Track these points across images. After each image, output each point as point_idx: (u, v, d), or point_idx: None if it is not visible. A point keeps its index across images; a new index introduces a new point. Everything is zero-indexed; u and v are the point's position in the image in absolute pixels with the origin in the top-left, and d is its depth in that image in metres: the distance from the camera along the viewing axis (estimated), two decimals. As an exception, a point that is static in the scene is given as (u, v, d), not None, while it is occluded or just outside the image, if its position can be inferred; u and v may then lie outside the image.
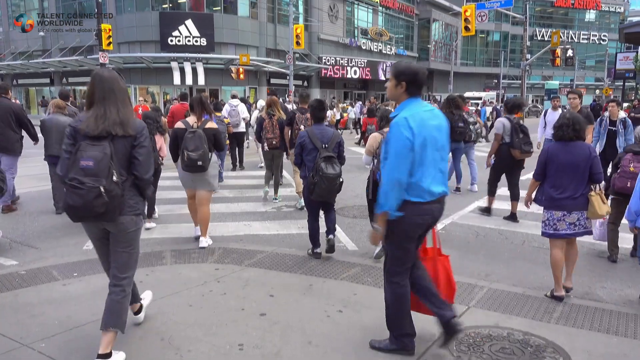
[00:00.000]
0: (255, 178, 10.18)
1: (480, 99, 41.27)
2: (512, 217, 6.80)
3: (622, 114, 7.94)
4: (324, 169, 4.74)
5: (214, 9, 30.01)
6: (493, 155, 6.92)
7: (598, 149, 7.83)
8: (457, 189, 8.81)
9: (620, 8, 66.59)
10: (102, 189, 2.64)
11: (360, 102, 24.64)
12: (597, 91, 61.28)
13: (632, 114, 16.96)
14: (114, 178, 2.71)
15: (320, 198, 4.88)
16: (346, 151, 5.49)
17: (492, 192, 7.11)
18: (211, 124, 5.38)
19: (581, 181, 3.88)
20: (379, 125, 5.30)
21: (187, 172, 5.16)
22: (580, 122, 3.91)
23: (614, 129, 7.85)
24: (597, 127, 7.96)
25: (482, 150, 16.22)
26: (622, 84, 34.28)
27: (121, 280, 2.93)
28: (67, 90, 10.80)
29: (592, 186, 3.93)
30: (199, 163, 4.99)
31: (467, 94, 45.49)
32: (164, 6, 29.50)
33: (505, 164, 6.76)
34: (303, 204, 6.39)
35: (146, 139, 2.93)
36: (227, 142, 9.58)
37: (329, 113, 9.58)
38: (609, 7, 65.34)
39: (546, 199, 4.01)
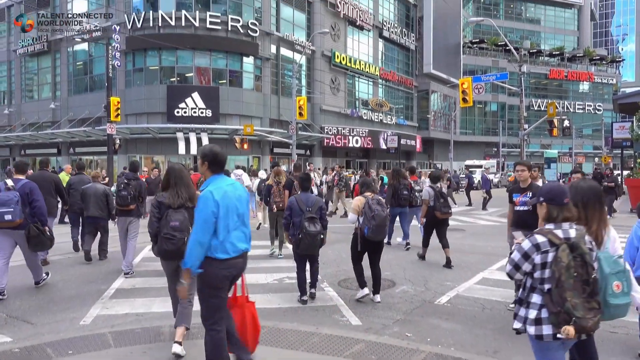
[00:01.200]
0: (257, 248, 10.09)
1: (480, 166, 41.77)
2: (448, 262, 8.35)
3: None
4: (307, 227, 5.81)
5: (220, 82, 31.11)
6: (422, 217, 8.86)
7: None
8: (407, 245, 10.17)
9: (612, 80, 68.85)
10: (185, 239, 4.31)
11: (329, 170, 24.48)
12: (597, 159, 62.18)
13: (605, 183, 16.87)
14: (190, 231, 4.29)
15: (305, 251, 5.96)
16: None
17: (426, 244, 8.89)
18: None
19: None
20: (360, 190, 6.42)
21: None
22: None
23: None
24: None
25: (485, 219, 16.21)
26: (620, 152, 34.72)
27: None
28: (83, 163, 11.74)
29: None
30: None
31: (468, 162, 46.17)
32: (172, 79, 30.61)
33: (432, 222, 8.62)
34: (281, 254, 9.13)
35: None
36: None
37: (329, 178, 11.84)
38: (601, 79, 67.57)
39: None
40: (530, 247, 2.79)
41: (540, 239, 2.78)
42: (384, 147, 40.93)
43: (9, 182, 6.35)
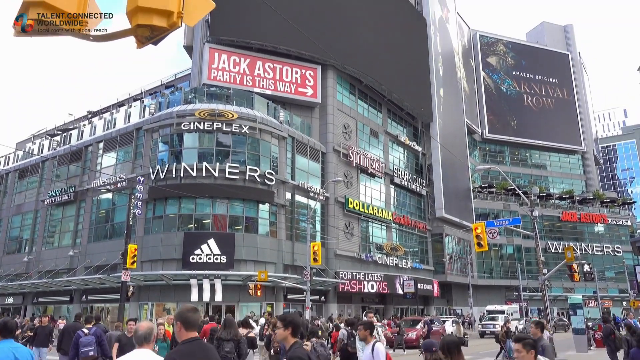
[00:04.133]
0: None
1: (502, 312, 40.05)
2: None
3: None
4: None
5: (236, 228, 31.73)
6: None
7: None
8: None
9: (627, 221, 68.74)
10: (233, 357, 8.26)
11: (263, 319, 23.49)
12: (624, 303, 59.45)
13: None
14: (235, 353, 8.28)
15: None
16: None
17: None
18: (251, 334, 11.11)
19: None
20: (308, 337, 9.04)
21: None
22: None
23: None
24: None
25: None
26: (648, 296, 33.31)
27: None
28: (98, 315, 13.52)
29: None
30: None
31: (489, 307, 44.38)
32: (189, 226, 31.34)
33: (345, 356, 11.38)
34: None
35: (244, 341, 8.97)
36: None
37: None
38: (615, 221, 67.54)
39: None
40: None
41: None
42: (400, 292, 39.99)
43: (85, 330, 9.82)
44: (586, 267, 22.35)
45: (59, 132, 44.49)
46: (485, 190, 62.52)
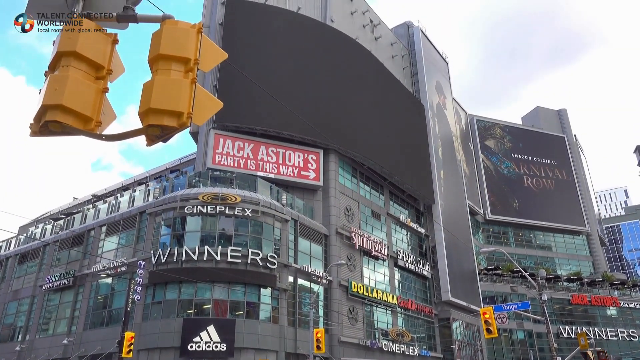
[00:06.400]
0: None
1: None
2: None
3: None
4: None
5: (237, 313, 30.86)
6: None
7: None
8: None
9: (639, 304, 66.65)
10: None
11: None
12: (646, 393, 56.07)
13: None
14: None
15: None
16: None
17: None
18: None
19: None
20: None
21: None
22: None
23: None
24: None
25: None
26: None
27: None
28: None
29: None
30: None
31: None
32: (189, 312, 30.48)
33: None
34: None
35: None
36: None
37: None
38: (627, 304, 65.48)
39: None
40: None
41: None
42: (408, 382, 37.95)
43: None
44: (602, 355, 21.35)
45: (62, 216, 44.67)
46: (491, 272, 61.34)
